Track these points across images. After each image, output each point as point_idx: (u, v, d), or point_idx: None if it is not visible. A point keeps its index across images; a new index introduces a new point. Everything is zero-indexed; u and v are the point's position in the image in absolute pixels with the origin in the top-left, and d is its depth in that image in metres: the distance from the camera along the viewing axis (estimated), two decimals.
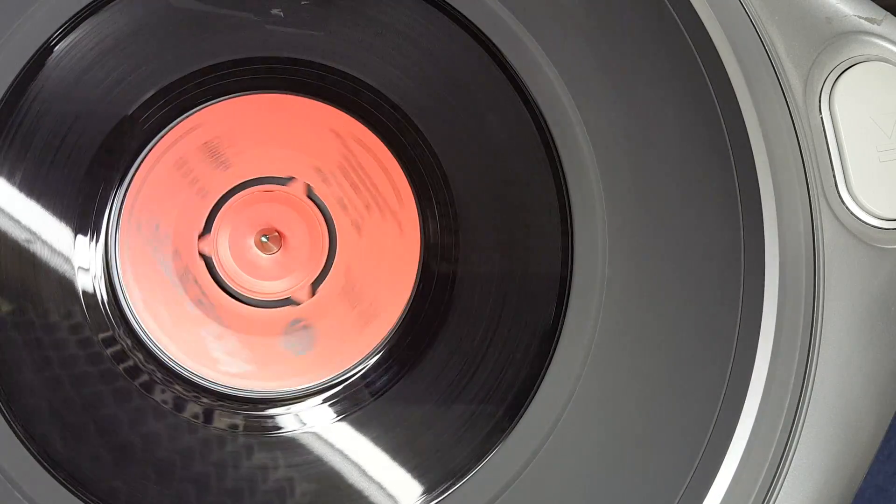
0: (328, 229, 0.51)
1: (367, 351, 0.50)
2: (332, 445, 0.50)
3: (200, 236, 0.50)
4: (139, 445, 0.49)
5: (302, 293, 0.50)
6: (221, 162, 0.51)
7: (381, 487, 0.49)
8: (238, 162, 0.51)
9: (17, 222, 0.50)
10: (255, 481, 0.49)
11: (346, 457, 0.49)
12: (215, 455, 0.49)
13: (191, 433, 0.49)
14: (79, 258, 0.50)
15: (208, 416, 0.50)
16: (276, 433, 0.50)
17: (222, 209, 0.51)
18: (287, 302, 0.50)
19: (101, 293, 0.50)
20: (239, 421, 0.50)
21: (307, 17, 0.52)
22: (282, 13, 0.51)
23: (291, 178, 0.51)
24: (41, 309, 0.50)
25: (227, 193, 0.51)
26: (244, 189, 0.51)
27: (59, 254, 0.50)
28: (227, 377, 0.50)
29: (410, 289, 0.50)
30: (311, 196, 0.51)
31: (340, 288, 0.50)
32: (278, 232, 0.51)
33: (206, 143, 0.51)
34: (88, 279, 0.50)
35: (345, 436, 0.50)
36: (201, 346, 0.50)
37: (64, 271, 0.50)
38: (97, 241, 0.50)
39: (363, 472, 0.49)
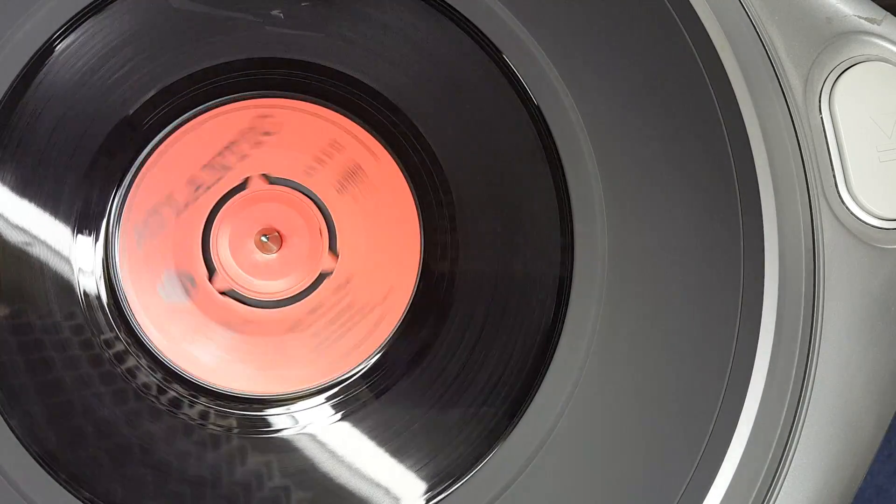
0: (328, 228, 0.51)
1: (367, 351, 0.50)
2: (331, 446, 0.50)
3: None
4: (138, 446, 0.49)
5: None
6: (220, 164, 0.51)
7: (380, 488, 0.49)
8: (236, 162, 0.51)
9: (16, 223, 0.50)
10: (253, 482, 0.49)
11: (345, 457, 0.49)
12: (214, 456, 0.49)
13: (188, 434, 0.49)
14: (78, 259, 0.50)
15: (206, 416, 0.50)
16: (274, 434, 0.50)
17: (222, 209, 0.51)
18: (291, 301, 0.50)
19: (101, 294, 0.50)
20: (236, 422, 0.50)
21: (307, 19, 0.52)
22: (282, 14, 0.52)
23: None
24: (40, 310, 0.50)
25: (228, 192, 0.51)
26: (245, 189, 0.51)
27: (59, 255, 0.50)
28: (225, 378, 0.50)
29: (410, 289, 0.50)
30: (309, 195, 0.51)
31: (339, 291, 0.50)
32: (278, 232, 0.51)
33: (203, 145, 0.51)
34: (88, 280, 0.50)
35: (344, 436, 0.50)
36: (202, 347, 0.50)
37: (63, 272, 0.50)
38: (97, 242, 0.50)
39: (362, 473, 0.49)
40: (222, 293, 0.50)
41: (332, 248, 0.51)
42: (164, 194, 0.51)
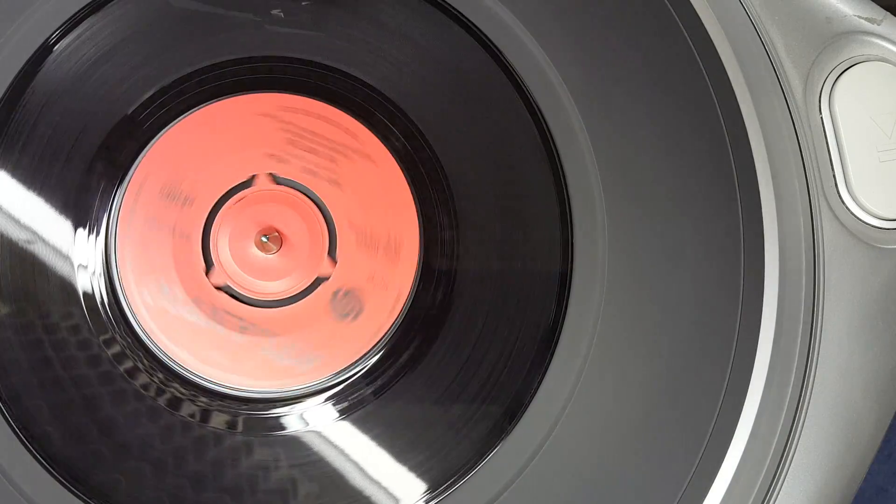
0: (328, 227, 0.51)
1: (367, 350, 0.50)
2: (333, 444, 0.50)
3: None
4: (139, 445, 0.49)
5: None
6: (220, 164, 0.51)
7: (381, 486, 0.49)
8: (236, 161, 0.51)
9: (17, 222, 0.50)
10: (255, 481, 0.49)
11: (346, 456, 0.49)
12: (216, 455, 0.49)
13: (190, 433, 0.49)
14: (79, 258, 0.50)
15: (208, 415, 0.50)
16: (277, 433, 0.50)
17: (222, 209, 0.51)
18: (291, 300, 0.50)
19: (101, 293, 0.50)
20: (240, 420, 0.50)
21: (307, 18, 0.52)
22: (282, 13, 0.51)
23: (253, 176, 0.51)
24: (41, 309, 0.50)
25: (228, 192, 0.51)
26: (245, 188, 0.51)
27: (59, 254, 0.50)
28: (227, 377, 0.50)
29: (410, 287, 0.50)
30: (308, 194, 0.51)
31: (339, 290, 0.50)
32: (278, 232, 0.51)
33: (203, 144, 0.51)
34: (88, 279, 0.50)
35: (346, 435, 0.49)
36: (202, 347, 0.50)
37: (64, 271, 0.50)
38: (97, 241, 0.50)
39: (364, 472, 0.49)
40: (218, 288, 0.50)
41: (332, 253, 0.51)
42: (165, 193, 0.51)
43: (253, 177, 0.51)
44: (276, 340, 0.50)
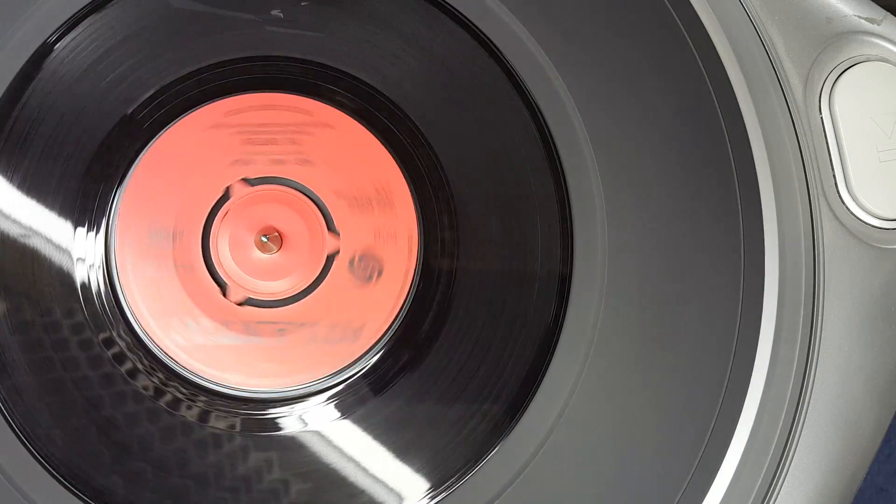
0: (318, 207, 0.51)
1: (367, 349, 0.50)
2: (332, 444, 0.50)
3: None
4: (138, 445, 0.49)
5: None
6: (220, 164, 0.51)
7: (381, 486, 0.49)
8: (236, 161, 0.51)
9: (16, 221, 0.50)
10: (254, 480, 0.49)
11: (346, 455, 0.49)
12: (215, 454, 0.49)
13: (190, 433, 0.49)
14: (78, 256, 0.50)
15: (207, 415, 0.50)
16: (276, 432, 0.50)
17: (212, 228, 0.51)
18: (291, 300, 0.50)
19: (101, 292, 0.50)
20: (239, 420, 0.50)
21: (307, 18, 0.52)
22: (282, 14, 0.51)
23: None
24: (40, 308, 0.50)
25: (227, 192, 0.51)
26: (245, 188, 0.51)
27: (59, 252, 0.50)
28: (226, 376, 0.50)
29: (410, 287, 0.50)
30: (308, 194, 0.51)
31: (339, 290, 0.50)
32: (278, 232, 0.51)
33: (202, 144, 0.51)
34: (88, 278, 0.50)
35: (345, 434, 0.49)
36: (201, 347, 0.50)
37: (63, 270, 0.50)
38: (96, 241, 0.50)
39: (363, 471, 0.49)
40: (240, 304, 0.50)
41: (332, 228, 0.51)
42: (164, 193, 0.51)
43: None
44: (277, 340, 0.50)
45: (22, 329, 0.50)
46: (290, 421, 0.50)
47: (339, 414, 0.50)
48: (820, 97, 0.50)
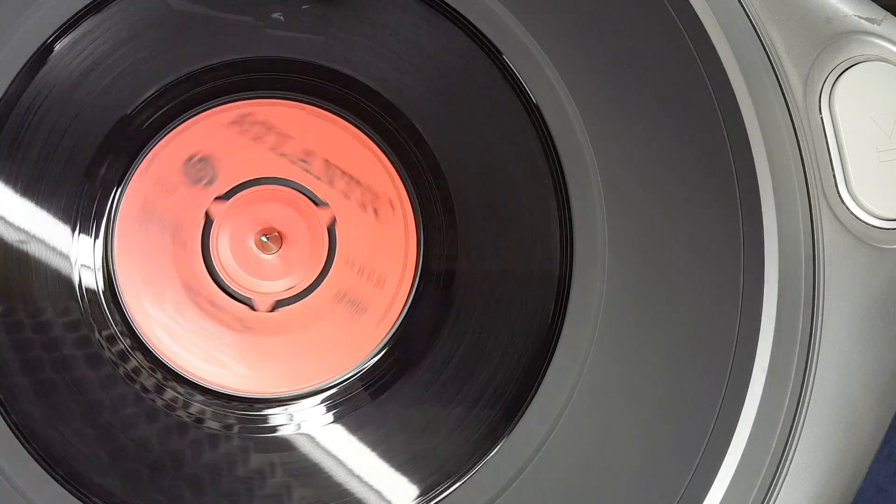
0: (328, 230, 0.51)
1: (366, 352, 0.50)
2: (329, 447, 0.49)
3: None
4: (137, 445, 0.49)
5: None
6: (220, 164, 0.51)
7: (379, 489, 0.49)
8: (236, 161, 0.51)
9: (15, 222, 0.50)
10: (251, 483, 0.49)
11: (342, 458, 0.49)
12: (212, 456, 0.49)
13: (186, 434, 0.49)
14: (78, 257, 0.50)
15: (203, 416, 0.50)
16: (273, 434, 0.50)
17: (221, 209, 0.51)
18: (291, 301, 0.50)
19: (100, 293, 0.50)
20: (235, 422, 0.50)
21: (307, 21, 0.52)
22: (282, 17, 0.51)
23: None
24: (40, 309, 0.50)
25: (228, 192, 0.51)
26: (245, 189, 0.51)
27: (59, 253, 0.50)
28: (223, 377, 0.50)
29: (409, 289, 0.50)
30: (308, 195, 0.51)
31: (338, 290, 0.50)
32: (278, 232, 0.51)
33: (202, 144, 0.51)
34: (87, 279, 0.50)
35: (342, 437, 0.49)
36: (200, 347, 0.50)
37: (63, 271, 0.50)
38: (96, 241, 0.50)
39: (361, 474, 0.49)
40: (222, 293, 0.50)
41: (332, 246, 0.51)
42: (164, 194, 0.51)
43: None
44: (276, 341, 0.50)
45: (18, 329, 0.50)
46: (287, 423, 0.50)
47: (336, 416, 0.50)
48: (820, 97, 0.50)
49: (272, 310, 0.50)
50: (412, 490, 0.49)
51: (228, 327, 0.50)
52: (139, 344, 0.50)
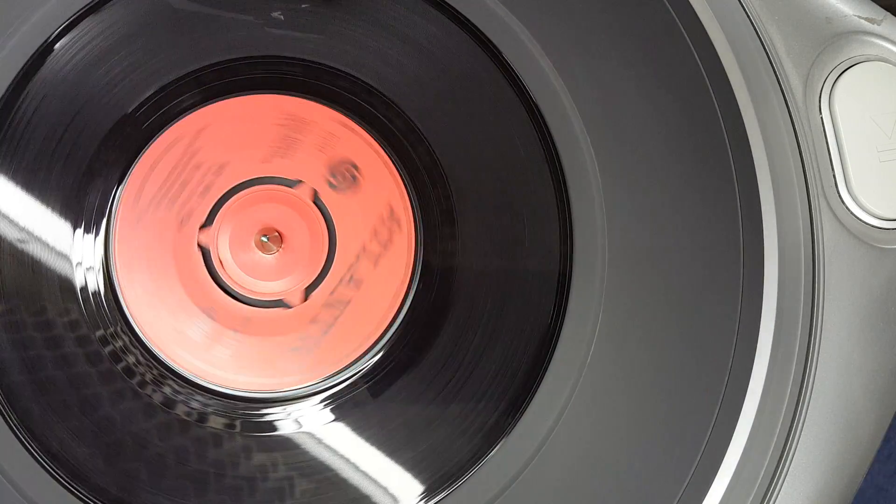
0: (328, 230, 0.51)
1: (366, 350, 0.50)
2: (329, 445, 0.50)
3: (201, 228, 0.50)
4: (137, 444, 0.49)
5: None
6: (220, 164, 0.51)
7: (379, 488, 0.49)
8: (236, 161, 0.51)
9: (15, 221, 0.50)
10: (253, 482, 0.49)
11: (344, 457, 0.49)
12: (213, 455, 0.49)
13: (187, 432, 0.49)
14: (78, 256, 0.50)
15: (205, 415, 0.50)
16: (273, 433, 0.50)
17: (223, 208, 0.51)
18: (280, 303, 0.51)
19: (100, 292, 0.50)
20: (236, 421, 0.50)
21: (307, 20, 0.52)
22: (282, 16, 0.51)
23: (299, 181, 0.51)
24: (39, 308, 0.50)
25: (228, 192, 0.51)
26: (245, 188, 0.51)
27: (59, 252, 0.50)
28: (224, 376, 0.50)
29: (409, 288, 0.50)
30: (312, 198, 0.51)
31: (338, 290, 0.50)
32: (278, 232, 0.51)
33: (202, 144, 0.51)
34: (87, 278, 0.50)
35: (343, 436, 0.49)
36: (200, 346, 0.50)
37: (63, 270, 0.50)
38: (96, 240, 0.50)
39: (362, 473, 0.49)
40: (221, 293, 0.50)
41: (332, 247, 0.51)
42: (164, 193, 0.51)
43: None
44: (276, 340, 0.50)
45: (18, 329, 0.50)
46: (287, 422, 0.50)
47: (337, 415, 0.50)
48: (820, 97, 0.50)
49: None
50: (412, 489, 0.49)
51: (225, 325, 0.50)
52: (139, 343, 0.50)
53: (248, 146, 0.51)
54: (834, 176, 0.49)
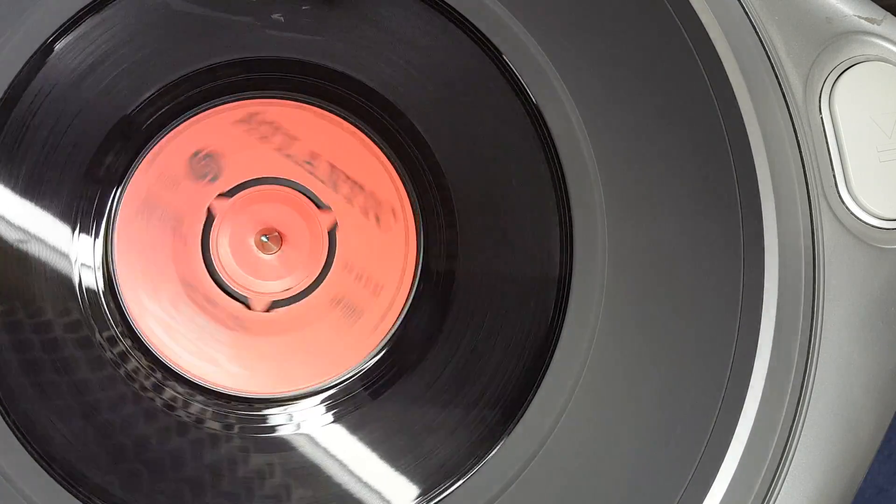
0: (329, 232, 0.51)
1: (365, 352, 0.50)
2: (329, 447, 0.49)
3: (202, 228, 0.50)
4: (136, 445, 0.49)
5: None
6: (218, 164, 0.51)
7: (378, 489, 0.49)
8: (236, 161, 0.51)
9: (15, 221, 0.50)
10: (251, 483, 0.49)
11: (343, 458, 0.49)
12: (212, 456, 0.49)
13: (186, 433, 0.49)
14: (78, 257, 0.50)
15: (203, 416, 0.50)
16: (272, 434, 0.50)
17: (223, 208, 0.51)
18: (291, 301, 0.50)
19: (100, 292, 0.50)
20: (235, 422, 0.50)
21: (307, 22, 0.52)
22: (282, 18, 0.52)
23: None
24: (39, 309, 0.50)
25: (228, 192, 0.51)
26: (245, 188, 0.51)
27: (59, 253, 0.50)
28: (223, 377, 0.50)
29: (409, 289, 0.50)
30: (308, 195, 0.51)
31: (338, 291, 0.50)
32: (279, 232, 0.51)
33: (202, 144, 0.51)
34: (87, 278, 0.50)
35: (342, 437, 0.49)
36: (199, 346, 0.50)
37: (63, 271, 0.50)
38: (96, 241, 0.50)
39: (361, 474, 0.49)
40: (221, 292, 0.50)
41: (332, 248, 0.51)
42: (164, 194, 0.51)
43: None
44: (276, 341, 0.50)
45: (18, 329, 0.50)
46: (286, 423, 0.50)
47: (336, 417, 0.50)
48: (820, 97, 0.50)
49: (268, 310, 0.50)
50: (412, 490, 0.49)
51: (224, 325, 0.50)
52: (139, 344, 0.50)
53: (248, 146, 0.51)
54: (834, 176, 0.49)
